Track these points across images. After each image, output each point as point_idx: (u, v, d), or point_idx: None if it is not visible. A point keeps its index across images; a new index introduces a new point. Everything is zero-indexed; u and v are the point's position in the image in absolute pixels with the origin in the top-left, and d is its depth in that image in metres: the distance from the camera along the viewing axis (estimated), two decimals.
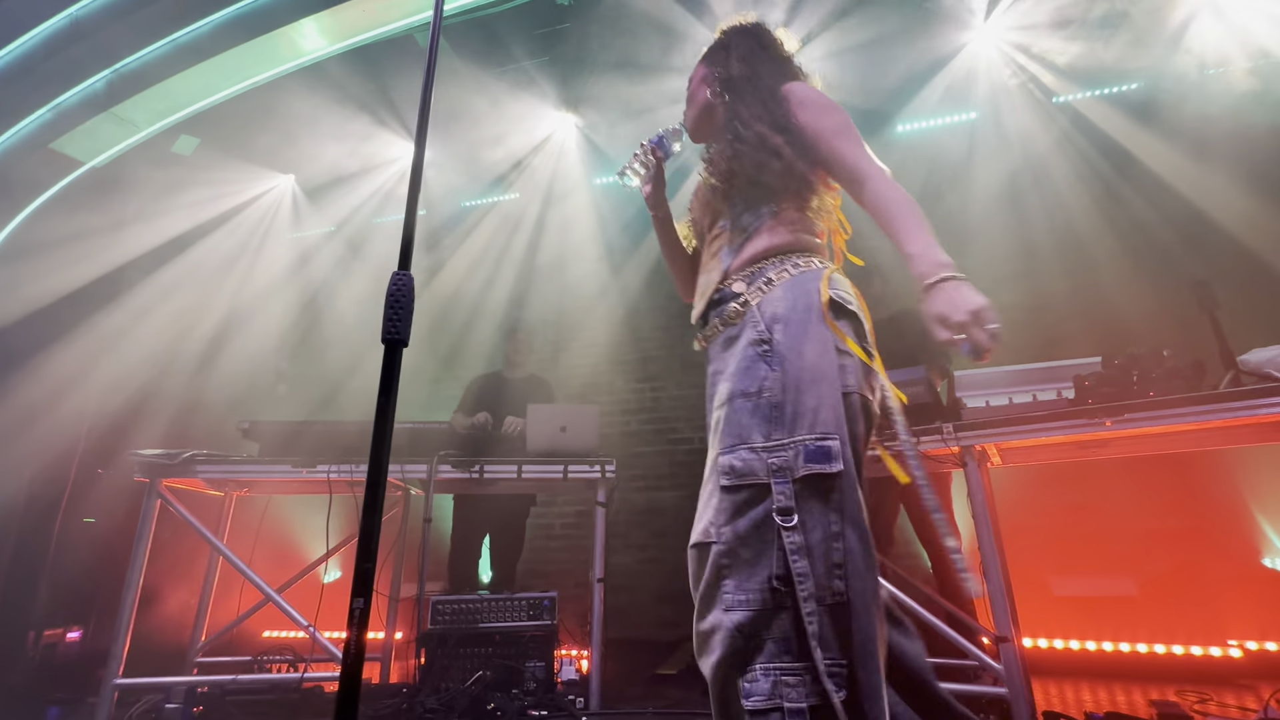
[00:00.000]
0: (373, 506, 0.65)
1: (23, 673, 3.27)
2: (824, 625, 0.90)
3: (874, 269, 3.15)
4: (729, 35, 1.50)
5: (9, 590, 3.37)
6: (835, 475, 0.97)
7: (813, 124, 1.23)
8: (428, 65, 0.92)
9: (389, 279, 0.78)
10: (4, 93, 3.46)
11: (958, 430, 2.04)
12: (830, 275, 1.17)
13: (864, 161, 1.18)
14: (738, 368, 1.11)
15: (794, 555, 0.93)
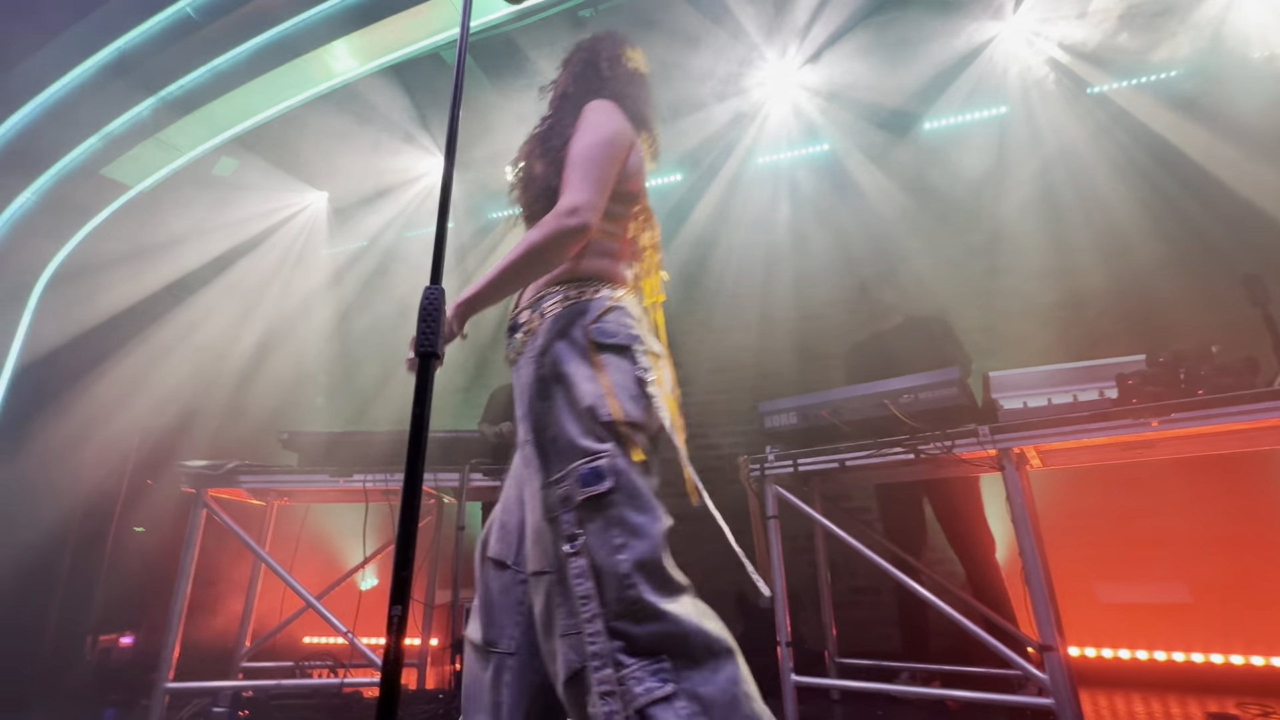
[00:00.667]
0: (409, 515, 0.67)
1: (81, 676, 3.41)
2: (628, 635, 0.95)
3: (890, 275, 3.11)
4: (572, 50, 1.49)
5: (68, 597, 3.52)
6: (608, 493, 1.03)
7: (571, 146, 1.20)
8: (455, 82, 0.94)
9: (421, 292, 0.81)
10: (58, 123, 3.65)
11: (994, 433, 1.99)
12: (607, 309, 1.16)
13: (567, 194, 1.13)
14: (523, 403, 1.14)
15: (577, 580, 0.98)
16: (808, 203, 4.34)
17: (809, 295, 4.29)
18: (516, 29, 3.57)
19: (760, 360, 4.35)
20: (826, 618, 2.71)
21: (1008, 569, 2.62)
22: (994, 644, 1.93)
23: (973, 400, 2.18)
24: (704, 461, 4.33)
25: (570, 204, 1.10)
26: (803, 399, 2.44)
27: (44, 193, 3.78)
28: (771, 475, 2.43)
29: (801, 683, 2.25)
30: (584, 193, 1.11)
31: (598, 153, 1.15)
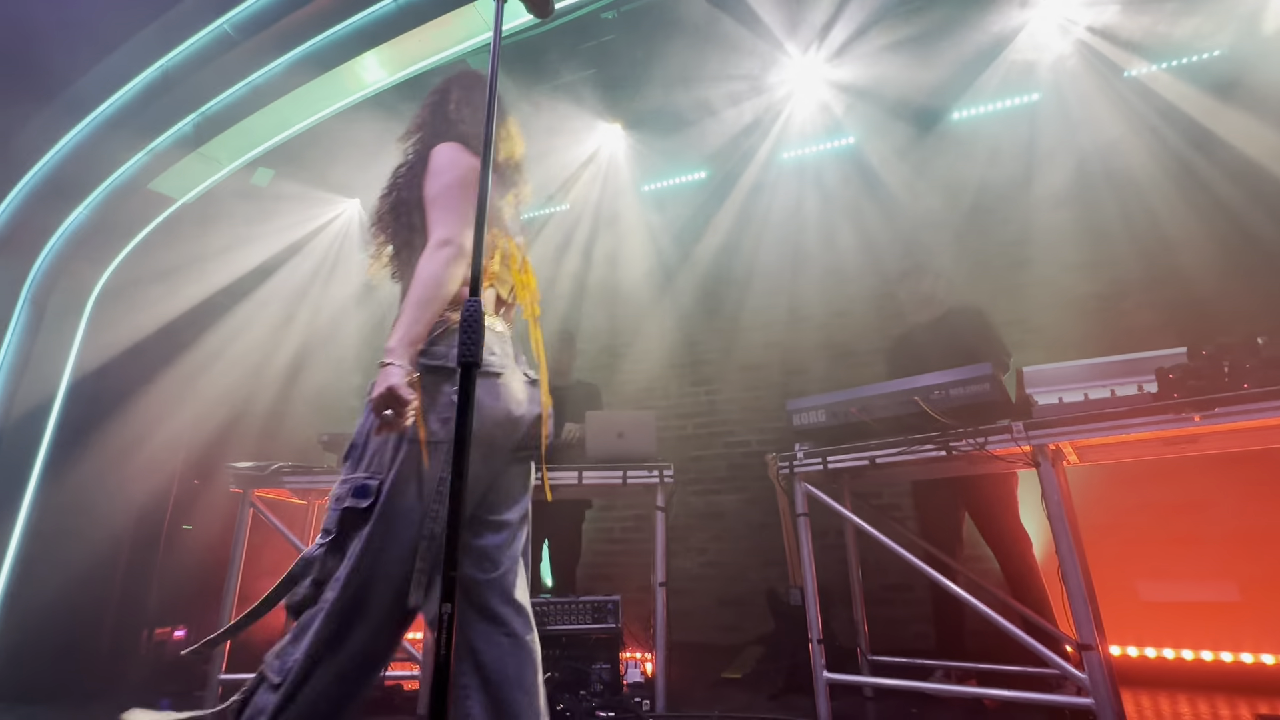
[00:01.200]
0: (455, 520, 0.70)
1: (138, 668, 3.59)
2: (330, 631, 1.07)
3: (925, 267, 3.07)
4: (427, 94, 1.60)
5: (125, 594, 3.70)
6: (365, 510, 1.11)
7: (427, 190, 1.31)
8: (489, 98, 0.97)
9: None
10: (108, 141, 3.82)
11: (1029, 429, 1.96)
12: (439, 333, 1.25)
13: (436, 230, 1.24)
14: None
15: (326, 570, 1.12)
16: (834, 198, 4.31)
17: (836, 292, 4.26)
18: (539, 33, 3.62)
19: (787, 358, 4.34)
20: (858, 615, 2.70)
21: (1045, 566, 2.58)
22: (1030, 643, 1.91)
23: (1006, 396, 2.15)
24: (732, 458, 4.35)
25: (441, 237, 1.23)
26: (831, 396, 2.44)
27: (95, 208, 3.95)
28: (801, 473, 2.44)
29: (834, 680, 2.25)
30: (450, 226, 1.23)
31: (452, 191, 1.27)
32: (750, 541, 4.11)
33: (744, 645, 3.40)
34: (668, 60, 3.77)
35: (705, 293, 4.65)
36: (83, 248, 4.00)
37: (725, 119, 4.18)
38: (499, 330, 1.34)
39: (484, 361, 1.12)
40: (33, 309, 3.95)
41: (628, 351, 4.90)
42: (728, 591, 4.07)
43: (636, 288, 4.83)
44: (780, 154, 4.44)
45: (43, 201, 3.93)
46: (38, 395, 3.77)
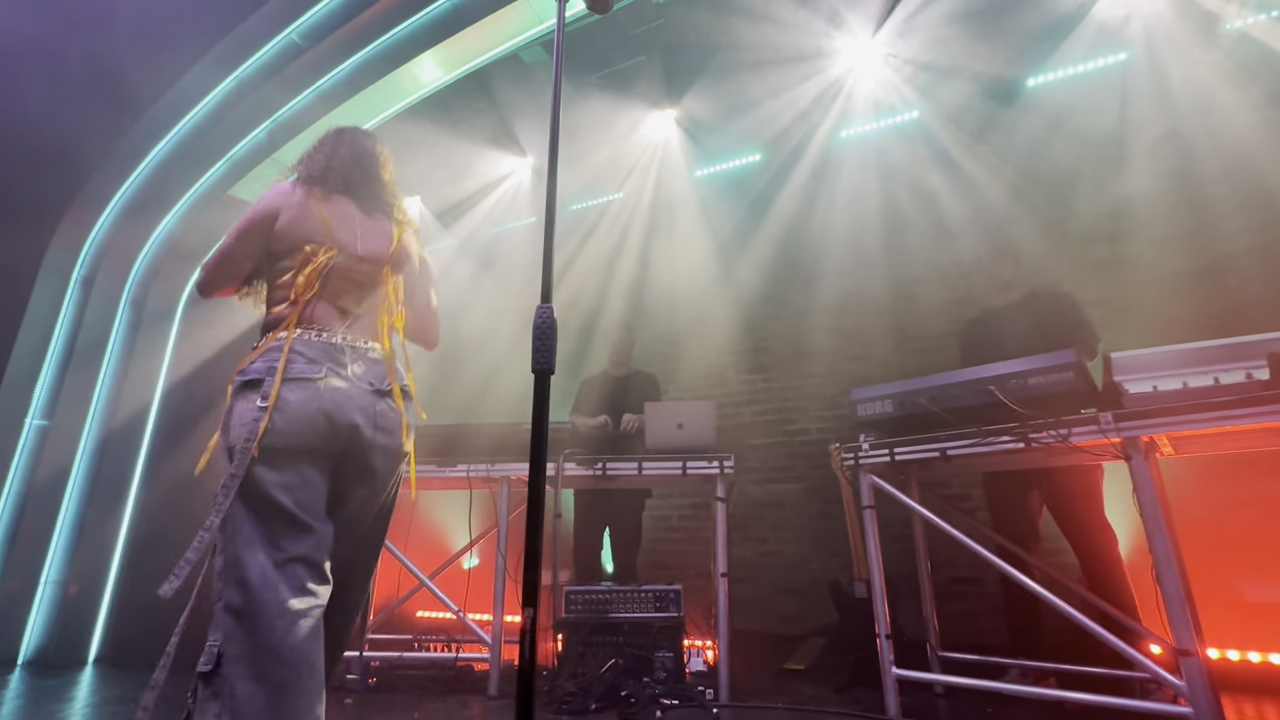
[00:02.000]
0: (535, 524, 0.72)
1: None
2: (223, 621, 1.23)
3: (1005, 252, 2.90)
4: None
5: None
6: (230, 509, 1.24)
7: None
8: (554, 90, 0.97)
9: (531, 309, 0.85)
10: (191, 151, 4.07)
11: (1119, 419, 1.84)
12: (253, 352, 1.39)
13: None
14: None
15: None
16: (899, 176, 4.12)
17: (900, 273, 4.10)
18: (590, 22, 3.61)
19: (849, 343, 4.22)
20: (927, 609, 2.62)
21: (1131, 565, 2.43)
22: (1121, 646, 1.80)
23: (1092, 384, 2.01)
24: (790, 447, 4.28)
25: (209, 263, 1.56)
26: (899, 385, 2.35)
27: (182, 215, 4.24)
28: (866, 464, 2.37)
29: (904, 676, 2.20)
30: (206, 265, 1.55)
31: (228, 236, 1.52)
32: (811, 531, 4.04)
33: (805, 636, 3.36)
34: (720, 42, 3.69)
35: (763, 278, 4.56)
36: (173, 253, 4.30)
37: (781, 100, 4.07)
38: (323, 341, 1.40)
39: (290, 370, 1.30)
40: (132, 312, 4.28)
41: (685, 339, 4.87)
42: (788, 581, 4.03)
43: (694, 275, 4.79)
44: (839, 133, 4.28)
45: (137, 211, 4.24)
46: (140, 394, 4.10)
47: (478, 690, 2.61)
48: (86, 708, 2.57)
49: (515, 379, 4.71)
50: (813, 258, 4.41)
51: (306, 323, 1.42)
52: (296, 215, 1.49)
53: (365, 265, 1.51)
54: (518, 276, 5.17)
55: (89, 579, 3.71)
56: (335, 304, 1.46)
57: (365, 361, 1.44)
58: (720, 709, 2.28)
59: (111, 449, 3.96)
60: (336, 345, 1.41)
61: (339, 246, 1.48)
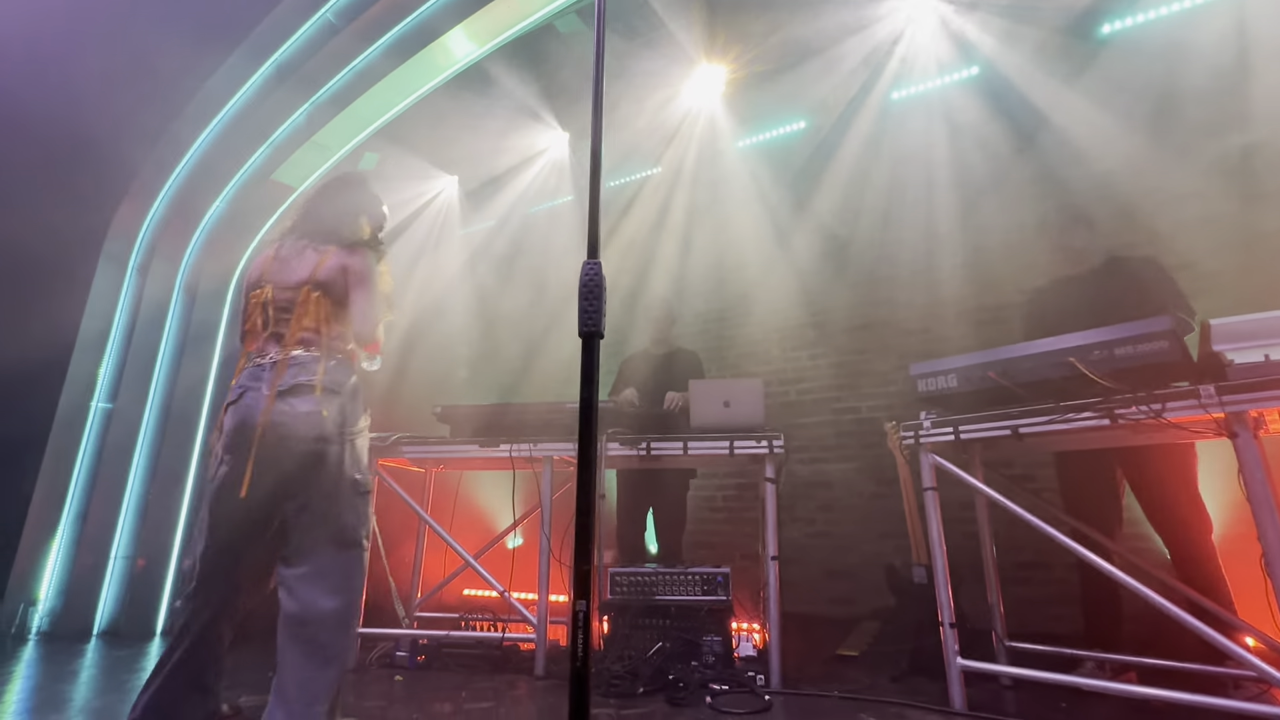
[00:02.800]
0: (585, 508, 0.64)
1: None
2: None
3: (1077, 216, 2.66)
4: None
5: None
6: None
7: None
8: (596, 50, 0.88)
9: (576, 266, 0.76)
10: (235, 136, 4.12)
11: (1222, 393, 1.65)
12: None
13: None
14: None
15: None
16: (958, 137, 3.85)
17: (959, 242, 3.85)
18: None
19: (900, 317, 4.02)
20: (992, 596, 2.47)
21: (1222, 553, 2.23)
22: (1225, 643, 1.64)
23: (1188, 355, 1.82)
24: (841, 425, 4.12)
25: None
26: (964, 359, 2.19)
27: (229, 200, 4.31)
28: (928, 443, 2.23)
29: (969, 668, 2.07)
30: None
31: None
32: (861, 512, 3.90)
33: (857, 620, 3.25)
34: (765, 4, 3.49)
35: (809, 252, 4.38)
36: (222, 238, 4.39)
37: (826, 60, 3.84)
38: (253, 366, 1.78)
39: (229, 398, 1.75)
40: (186, 295, 4.40)
41: (728, 316, 4.74)
42: (837, 563, 3.90)
43: (737, 251, 4.63)
44: (891, 94, 4.03)
45: (187, 197, 4.33)
46: (196, 371, 4.23)
47: (524, 670, 2.60)
48: None
49: (555, 360, 4.68)
50: (862, 228, 4.20)
51: (251, 354, 1.82)
52: (253, 271, 1.92)
53: (288, 292, 1.82)
54: (557, 255, 5.11)
55: (154, 554, 3.87)
56: (273, 330, 1.80)
57: (273, 371, 1.73)
58: (772, 695, 2.20)
59: (171, 429, 4.10)
60: (263, 365, 1.76)
61: (271, 282, 1.84)
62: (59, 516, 3.82)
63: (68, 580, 3.79)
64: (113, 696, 2.36)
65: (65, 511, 3.84)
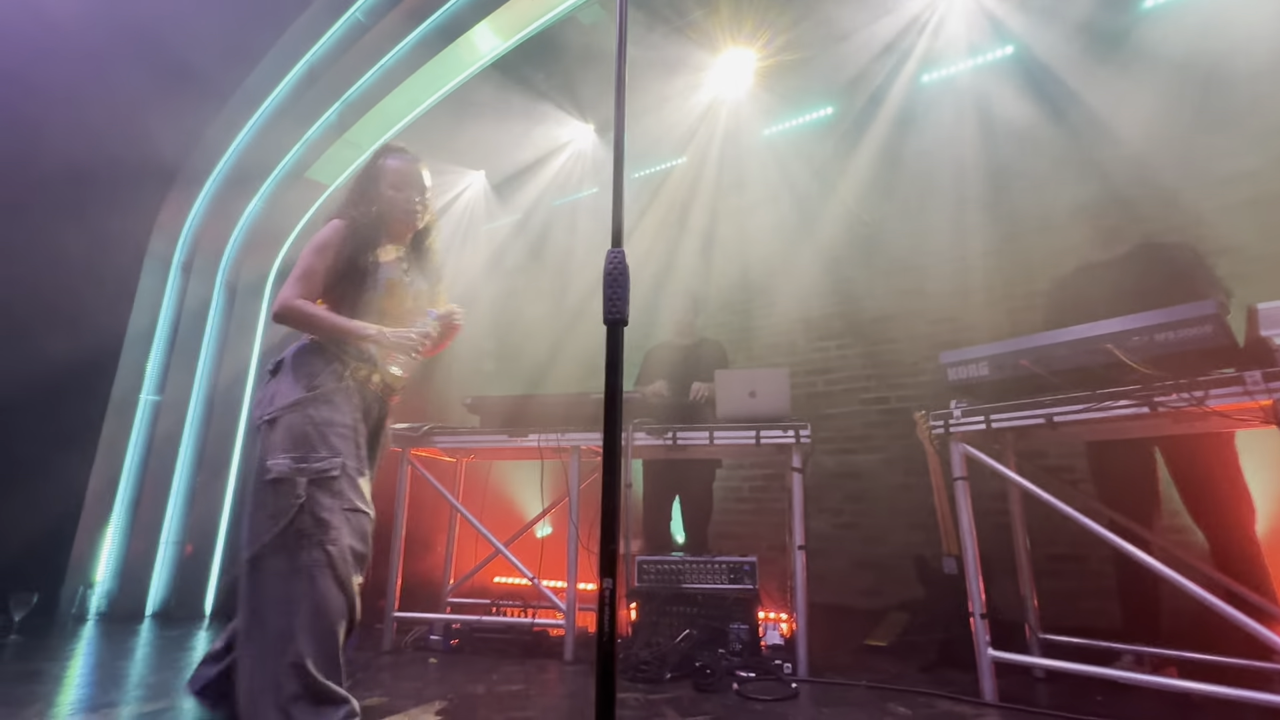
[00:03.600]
0: (611, 489, 0.66)
1: None
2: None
3: (1111, 197, 2.58)
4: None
5: None
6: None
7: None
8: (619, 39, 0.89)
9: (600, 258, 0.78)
10: (270, 136, 4.24)
11: (1269, 379, 1.59)
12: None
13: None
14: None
15: None
16: (989, 120, 3.75)
17: (990, 229, 3.76)
18: None
19: (928, 306, 3.94)
20: (1025, 588, 2.43)
21: (1266, 544, 2.15)
22: (1275, 639, 1.59)
23: (1233, 340, 1.76)
24: (866, 416, 4.08)
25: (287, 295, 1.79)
26: (996, 346, 2.15)
27: (266, 198, 4.44)
28: (958, 433, 2.20)
29: (1000, 658, 2.05)
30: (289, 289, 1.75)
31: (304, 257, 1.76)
32: (889, 503, 3.86)
33: (886, 611, 3.23)
34: None
35: (836, 241, 4.32)
36: (259, 235, 4.52)
37: (854, 44, 3.77)
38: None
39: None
40: (227, 292, 4.55)
41: (753, 307, 4.71)
42: (866, 554, 3.88)
43: (762, 241, 4.60)
44: (921, 77, 3.94)
45: (226, 196, 4.47)
46: (237, 365, 4.38)
47: (554, 655, 2.65)
48: None
49: (580, 351, 4.72)
50: (890, 215, 4.13)
51: None
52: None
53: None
54: (582, 248, 5.13)
55: (202, 539, 4.04)
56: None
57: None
58: (799, 684, 2.21)
59: (215, 419, 4.26)
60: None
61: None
62: (112, 503, 4.02)
63: (122, 564, 3.98)
64: (168, 673, 2.49)
65: (118, 499, 4.04)
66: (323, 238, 1.75)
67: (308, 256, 1.72)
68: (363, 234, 1.78)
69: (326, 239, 1.74)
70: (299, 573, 1.48)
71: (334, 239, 1.75)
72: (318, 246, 1.73)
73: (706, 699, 2.07)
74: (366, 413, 1.77)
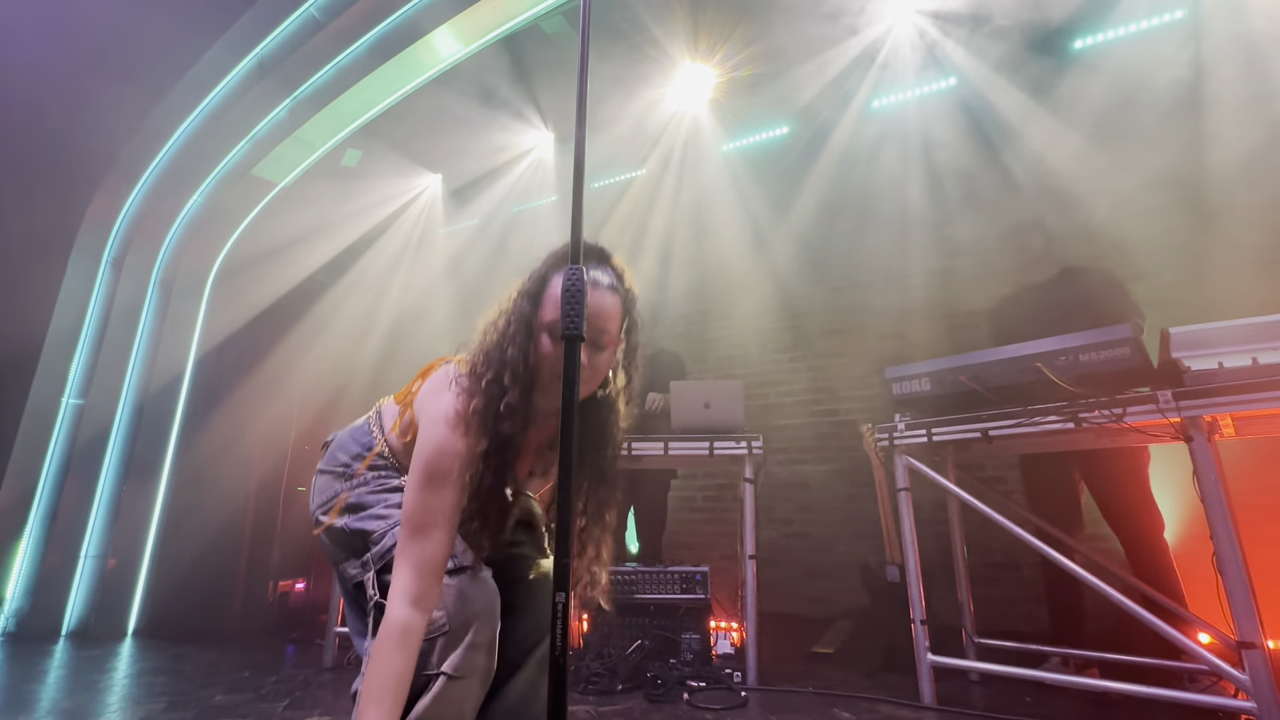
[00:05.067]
0: (566, 503, 0.67)
1: (266, 615, 3.96)
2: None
3: (1035, 224, 2.75)
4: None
5: (253, 549, 4.08)
6: None
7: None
8: (581, 52, 0.90)
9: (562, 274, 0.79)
10: (214, 131, 4.07)
11: (1179, 398, 1.72)
12: None
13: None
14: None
15: None
16: (933, 146, 3.94)
17: (934, 249, 3.94)
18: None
19: (877, 322, 4.09)
20: (962, 595, 2.54)
21: (1178, 552, 2.32)
22: (1180, 638, 1.71)
23: (1148, 361, 1.89)
24: (817, 428, 4.19)
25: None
26: (937, 363, 2.25)
27: (207, 195, 4.25)
28: (902, 445, 2.29)
29: (939, 663, 2.13)
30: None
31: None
32: (838, 513, 3.97)
33: (833, 619, 3.31)
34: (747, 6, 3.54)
35: (790, 256, 4.44)
36: (199, 233, 4.33)
37: (809, 68, 3.90)
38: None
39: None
40: (161, 291, 4.33)
41: (710, 319, 4.79)
42: (815, 563, 3.97)
43: (719, 254, 4.68)
44: (872, 102, 4.11)
45: (164, 191, 4.26)
46: (170, 369, 4.17)
47: None
48: (125, 678, 2.64)
49: None
50: (841, 234, 4.27)
51: None
52: None
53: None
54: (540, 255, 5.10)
55: (126, 553, 3.80)
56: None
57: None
58: (749, 692, 2.24)
59: (145, 426, 4.03)
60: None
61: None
62: (27, 515, 3.74)
63: (35, 580, 3.70)
64: (84, 696, 2.33)
65: (34, 510, 3.76)
66: (433, 417, 1.14)
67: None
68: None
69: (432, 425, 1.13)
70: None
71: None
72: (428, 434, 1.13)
73: (658, 709, 2.08)
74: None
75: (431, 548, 1.01)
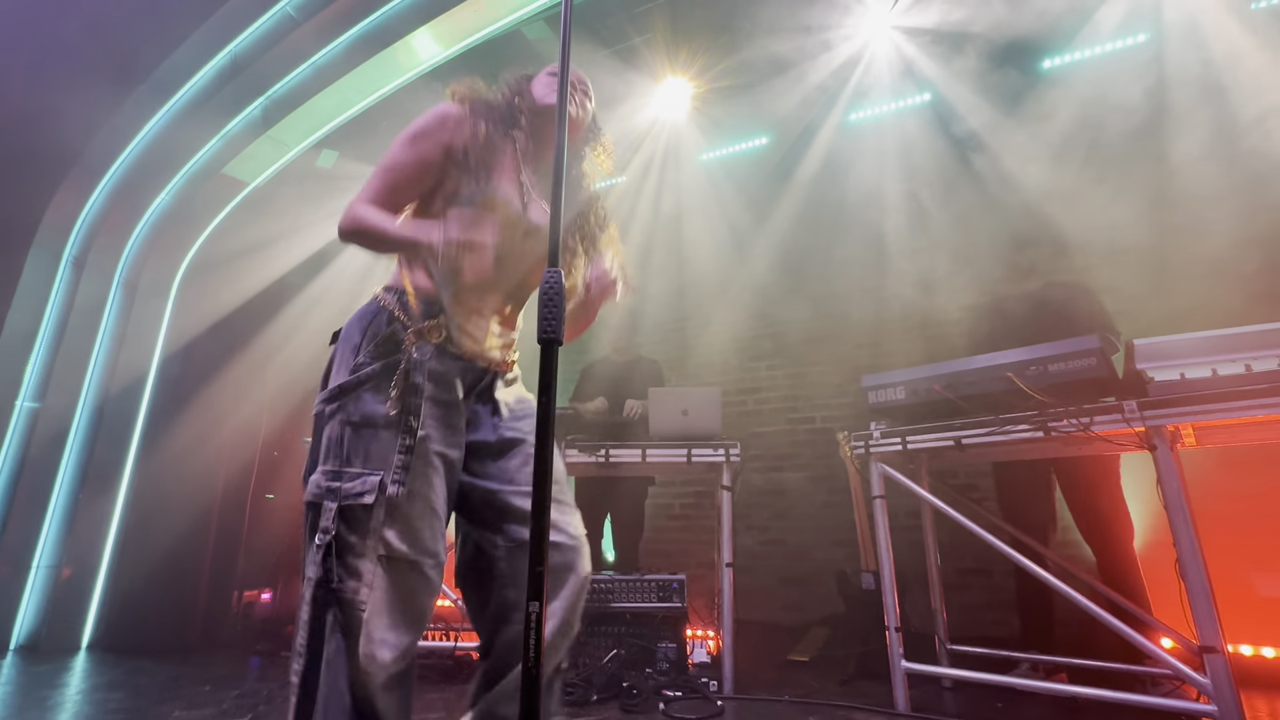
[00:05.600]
0: (541, 509, 0.65)
1: (230, 627, 3.84)
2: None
3: (1025, 239, 2.81)
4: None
5: (217, 559, 3.95)
6: None
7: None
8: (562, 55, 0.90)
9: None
10: (184, 128, 3.96)
11: (1144, 408, 1.77)
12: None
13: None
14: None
15: None
16: (910, 159, 4.02)
17: (912, 260, 4.00)
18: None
19: (854, 331, 4.15)
20: (936, 601, 2.57)
21: (1144, 558, 2.38)
22: (1145, 644, 1.75)
23: (1114, 372, 1.94)
24: (794, 435, 4.22)
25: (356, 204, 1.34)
26: (912, 372, 2.28)
27: (176, 193, 4.14)
28: (877, 453, 2.31)
29: (913, 670, 2.15)
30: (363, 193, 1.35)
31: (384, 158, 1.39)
32: (814, 520, 4.00)
33: (809, 626, 3.32)
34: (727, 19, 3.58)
35: (769, 265, 4.48)
36: (166, 231, 4.20)
37: (788, 80, 3.95)
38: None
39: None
40: (125, 291, 4.19)
41: (689, 326, 4.80)
42: (791, 570, 3.98)
43: (699, 261, 4.70)
44: (849, 115, 4.18)
45: (130, 188, 4.14)
46: (133, 371, 4.03)
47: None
48: (78, 694, 2.53)
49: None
50: (820, 244, 4.33)
51: None
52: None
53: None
54: None
55: (82, 563, 3.66)
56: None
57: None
58: (725, 701, 2.23)
59: (104, 432, 3.89)
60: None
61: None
62: None
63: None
64: (32, 714, 2.22)
65: None
66: (421, 124, 1.26)
67: (394, 149, 1.25)
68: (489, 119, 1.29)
69: (425, 125, 1.25)
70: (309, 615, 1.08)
71: (433, 126, 1.25)
72: (411, 135, 1.25)
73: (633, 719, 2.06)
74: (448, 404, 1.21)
75: (387, 193, 1.24)
